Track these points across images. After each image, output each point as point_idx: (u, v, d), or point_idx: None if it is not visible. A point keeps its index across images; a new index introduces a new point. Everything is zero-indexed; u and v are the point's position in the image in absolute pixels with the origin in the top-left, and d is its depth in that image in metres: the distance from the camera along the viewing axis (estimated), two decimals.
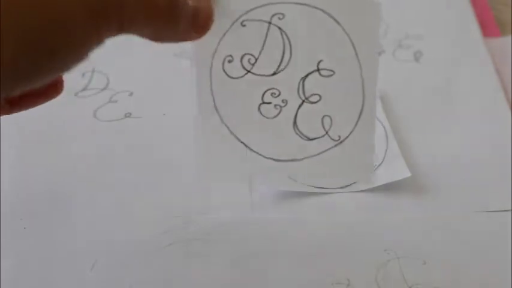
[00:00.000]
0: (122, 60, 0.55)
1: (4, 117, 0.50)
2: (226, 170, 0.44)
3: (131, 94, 0.53)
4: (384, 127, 0.50)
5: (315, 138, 0.42)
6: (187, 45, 0.56)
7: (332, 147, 0.43)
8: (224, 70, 0.41)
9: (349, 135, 0.42)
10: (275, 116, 0.42)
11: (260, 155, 0.43)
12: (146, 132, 0.50)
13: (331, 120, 0.42)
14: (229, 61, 0.40)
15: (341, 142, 0.42)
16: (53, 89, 0.38)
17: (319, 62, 0.41)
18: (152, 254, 0.44)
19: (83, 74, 0.54)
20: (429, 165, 0.49)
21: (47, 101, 0.38)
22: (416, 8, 0.60)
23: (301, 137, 0.42)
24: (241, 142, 0.42)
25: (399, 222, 0.46)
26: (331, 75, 0.41)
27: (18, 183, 0.47)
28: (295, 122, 0.42)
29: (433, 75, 0.55)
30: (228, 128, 0.42)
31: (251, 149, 0.43)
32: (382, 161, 0.48)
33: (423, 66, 0.56)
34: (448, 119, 0.52)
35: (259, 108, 0.42)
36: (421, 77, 0.55)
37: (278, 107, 0.41)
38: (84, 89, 0.53)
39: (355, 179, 0.45)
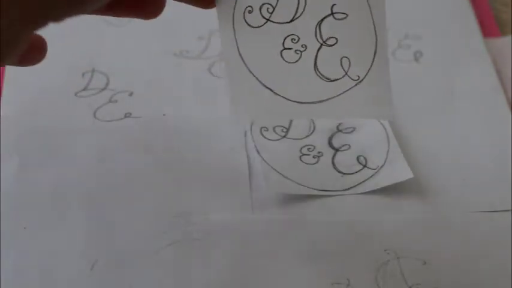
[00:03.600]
0: (121, 60, 0.55)
1: (4, 117, 0.50)
2: (255, 114, 0.45)
3: (131, 94, 0.53)
4: (385, 128, 0.50)
5: (336, 80, 0.43)
6: (187, 45, 0.56)
7: (353, 86, 0.43)
8: (245, 20, 0.42)
9: (367, 74, 0.43)
10: (297, 61, 0.43)
11: (286, 98, 0.44)
12: (146, 132, 0.50)
13: (349, 61, 0.42)
14: (249, 11, 0.41)
15: (360, 81, 0.43)
16: (37, 52, 0.39)
17: (332, 6, 0.41)
18: (152, 254, 0.44)
19: (83, 74, 0.54)
20: (429, 165, 0.49)
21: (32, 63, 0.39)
22: (416, 8, 0.60)
23: (322, 79, 0.43)
24: (267, 88, 0.43)
25: (399, 222, 0.46)
26: (345, 17, 0.41)
27: (18, 183, 0.47)
28: (315, 65, 0.43)
29: (433, 75, 0.55)
30: (253, 74, 0.43)
31: (277, 94, 0.43)
32: (384, 163, 0.48)
33: (423, 66, 0.56)
34: (448, 119, 0.52)
35: (281, 54, 0.42)
36: (421, 77, 0.55)
37: (298, 51, 0.42)
38: (84, 89, 0.53)
39: (376, 116, 0.45)
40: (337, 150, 0.49)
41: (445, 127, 0.52)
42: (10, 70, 0.53)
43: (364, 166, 0.48)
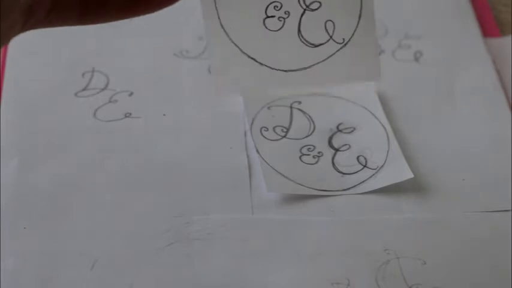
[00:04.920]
0: (122, 60, 0.55)
1: (4, 118, 0.50)
2: (238, 83, 0.43)
3: (131, 94, 0.53)
4: (385, 128, 0.50)
5: (320, 44, 0.42)
6: (187, 45, 0.56)
7: (338, 50, 0.42)
8: None
9: (352, 36, 0.41)
10: (280, 28, 0.41)
11: (270, 67, 0.42)
12: (146, 132, 0.50)
13: (333, 24, 0.41)
14: None
15: (345, 44, 0.42)
16: None
17: None
18: (152, 254, 0.44)
19: (83, 74, 0.54)
20: (429, 165, 0.49)
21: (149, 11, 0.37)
22: (416, 8, 0.60)
23: (307, 45, 0.42)
24: (251, 57, 0.42)
25: (399, 222, 0.46)
26: None
27: (18, 183, 0.47)
28: (299, 31, 0.41)
29: (433, 75, 0.55)
30: (236, 44, 0.42)
31: (261, 63, 0.42)
32: (384, 163, 0.48)
33: (423, 66, 0.56)
34: (448, 119, 0.52)
35: (264, 23, 0.41)
36: (421, 77, 0.55)
37: (281, 19, 0.41)
38: (84, 89, 0.53)
39: (363, 77, 0.44)
40: (337, 150, 0.49)
41: (445, 127, 0.52)
42: (10, 70, 0.53)
43: (364, 166, 0.48)
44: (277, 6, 0.41)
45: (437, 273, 0.43)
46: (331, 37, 0.41)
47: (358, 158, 0.49)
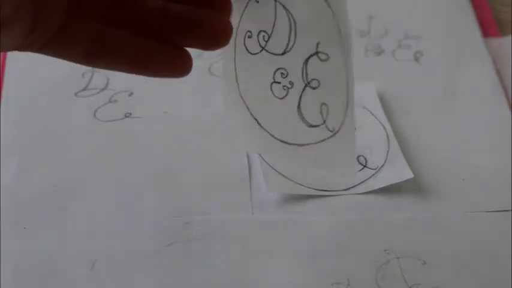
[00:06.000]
0: None
1: (4, 117, 0.50)
2: (242, 141, 0.44)
3: (131, 94, 0.53)
4: (385, 128, 0.50)
5: (315, 126, 0.41)
6: None
7: (329, 137, 0.41)
8: (245, 45, 0.41)
9: (340, 128, 0.40)
10: (283, 97, 0.41)
11: (268, 133, 0.43)
12: (146, 132, 0.50)
13: (327, 109, 0.40)
14: (249, 36, 0.40)
15: (335, 134, 0.41)
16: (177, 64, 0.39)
17: (318, 44, 0.39)
18: (152, 254, 0.44)
19: (83, 74, 0.54)
20: (429, 165, 0.49)
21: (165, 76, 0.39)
22: (416, 8, 0.60)
23: (303, 122, 0.41)
24: (254, 118, 0.42)
25: (399, 222, 0.46)
26: (327, 59, 0.39)
27: (18, 183, 0.47)
28: (299, 106, 0.41)
29: (433, 75, 0.55)
30: (244, 102, 0.42)
31: (262, 127, 0.42)
32: (384, 163, 0.48)
33: (423, 66, 0.56)
34: (448, 119, 0.52)
35: (271, 87, 0.41)
36: (421, 77, 0.55)
37: (286, 88, 0.41)
38: (84, 89, 0.53)
39: (339, 178, 0.44)
40: None
41: (445, 127, 0.52)
42: (10, 70, 0.53)
43: (364, 166, 0.48)
44: (283, 74, 0.40)
45: (437, 273, 0.43)
46: (324, 122, 0.40)
47: (358, 158, 0.49)
